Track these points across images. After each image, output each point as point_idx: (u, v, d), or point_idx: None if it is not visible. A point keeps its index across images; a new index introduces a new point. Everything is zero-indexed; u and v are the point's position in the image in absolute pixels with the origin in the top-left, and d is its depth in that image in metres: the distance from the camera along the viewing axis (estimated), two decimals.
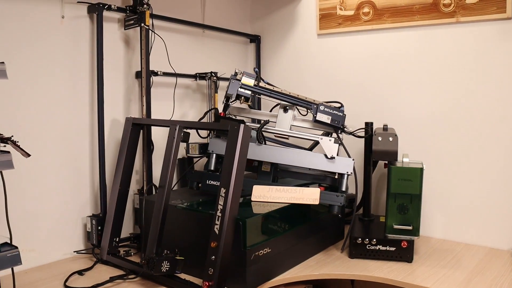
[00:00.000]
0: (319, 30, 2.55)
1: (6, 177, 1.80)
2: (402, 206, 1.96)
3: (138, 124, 2.02)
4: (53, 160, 1.94)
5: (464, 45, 2.14)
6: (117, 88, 2.16)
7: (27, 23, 1.82)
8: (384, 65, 2.38)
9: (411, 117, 2.32)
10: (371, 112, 2.44)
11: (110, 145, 2.13)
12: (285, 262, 1.86)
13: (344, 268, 1.89)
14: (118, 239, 1.98)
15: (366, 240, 1.97)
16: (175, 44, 2.42)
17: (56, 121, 1.94)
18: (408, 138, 2.33)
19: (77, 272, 1.82)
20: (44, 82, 1.89)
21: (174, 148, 1.78)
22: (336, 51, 2.54)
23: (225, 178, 1.63)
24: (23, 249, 1.87)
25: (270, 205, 1.89)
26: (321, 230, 2.09)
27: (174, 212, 1.86)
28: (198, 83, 2.56)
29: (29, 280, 1.75)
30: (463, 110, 2.17)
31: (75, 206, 2.03)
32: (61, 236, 1.99)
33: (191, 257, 1.78)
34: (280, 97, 2.05)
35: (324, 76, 2.61)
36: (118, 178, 1.98)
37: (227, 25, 2.73)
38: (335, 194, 1.87)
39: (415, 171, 1.92)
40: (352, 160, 1.94)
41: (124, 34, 2.17)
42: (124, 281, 1.76)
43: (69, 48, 1.96)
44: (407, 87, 2.32)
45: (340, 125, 2.01)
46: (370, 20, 2.36)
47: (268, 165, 2.06)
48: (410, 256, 1.93)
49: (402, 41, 2.31)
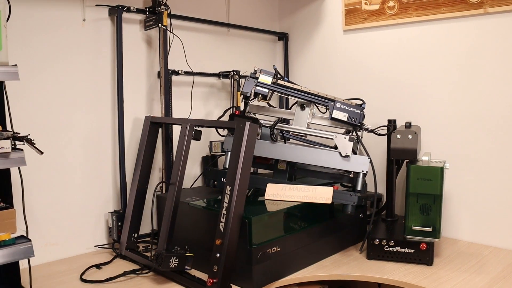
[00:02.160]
0: (345, 26, 2.50)
1: (34, 173, 1.90)
2: (425, 206, 1.88)
3: (156, 122, 2.07)
4: (77, 158, 2.02)
5: (493, 38, 2.02)
6: (139, 88, 2.21)
7: (49, 26, 1.90)
8: (410, 60, 2.29)
9: (438, 114, 2.22)
10: (398, 109, 2.36)
11: (132, 144, 2.19)
12: (298, 262, 1.84)
13: (359, 269, 1.83)
14: (136, 235, 2.03)
15: (384, 241, 1.91)
16: (199, 43, 2.45)
17: (81, 121, 2.02)
18: (435, 136, 2.23)
19: (95, 266, 1.89)
20: (68, 83, 1.97)
21: (185, 146, 1.80)
22: (362, 47, 2.47)
23: (230, 175, 1.63)
24: (46, 242, 1.96)
25: (284, 204, 1.87)
26: (339, 230, 2.05)
27: (187, 209, 1.88)
28: (223, 82, 2.57)
29: (49, 272, 1.84)
30: (493, 107, 2.05)
31: (98, 202, 2.11)
32: (84, 231, 2.07)
33: (203, 254, 1.79)
34: (297, 95, 2.02)
35: (350, 72, 2.55)
36: (137, 175, 2.03)
37: (254, 23, 2.73)
38: (348, 193, 1.82)
39: (435, 170, 1.84)
40: (368, 158, 1.88)
41: (145, 35, 2.22)
42: (137, 276, 1.80)
43: (91, 49, 2.04)
44: (434, 83, 2.22)
45: (357, 123, 1.95)
46: (395, 14, 2.28)
47: (284, 163, 2.04)
48: (430, 258, 1.85)
49: (428, 35, 2.21)
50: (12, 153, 1.48)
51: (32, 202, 1.91)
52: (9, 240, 1.50)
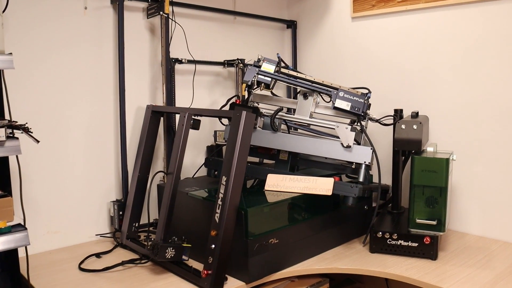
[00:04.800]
0: (353, 13, 2.43)
1: (36, 162, 1.90)
2: (430, 199, 1.82)
3: (158, 111, 2.05)
4: (80, 147, 2.02)
5: (504, 24, 1.93)
6: (142, 76, 2.19)
7: (50, 14, 1.89)
8: (418, 48, 2.22)
9: (447, 104, 2.14)
10: (406, 98, 2.28)
11: (135, 132, 2.18)
12: (298, 254, 1.80)
13: (360, 262, 1.79)
14: (137, 224, 2.02)
15: (387, 234, 1.86)
16: (204, 32, 2.42)
17: (83, 110, 2.02)
18: (443, 126, 2.16)
19: (95, 255, 1.89)
20: (70, 72, 1.96)
21: (183, 135, 1.78)
22: (370, 34, 2.40)
23: (226, 165, 1.61)
24: (48, 231, 1.97)
25: (284, 195, 1.83)
26: (343, 222, 2.00)
27: (186, 199, 1.86)
28: (229, 71, 2.54)
29: (49, 260, 1.85)
30: (504, 95, 1.96)
31: (101, 191, 2.10)
32: (87, 219, 2.07)
33: (202, 245, 1.77)
34: (299, 83, 1.98)
35: (358, 60, 2.48)
36: (138, 164, 2.02)
37: (261, 11, 2.68)
38: (349, 185, 1.77)
39: (440, 161, 1.78)
40: (371, 149, 1.83)
41: (149, 23, 2.20)
42: (135, 266, 1.80)
43: (93, 38, 2.02)
44: (443, 71, 2.14)
45: (360, 112, 1.90)
46: (403, 1, 2.20)
47: (286, 154, 2.00)
48: (434, 253, 1.79)
49: (437, 21, 2.13)
50: (7, 141, 1.48)
51: (35, 190, 1.92)
52: (4, 228, 1.50)
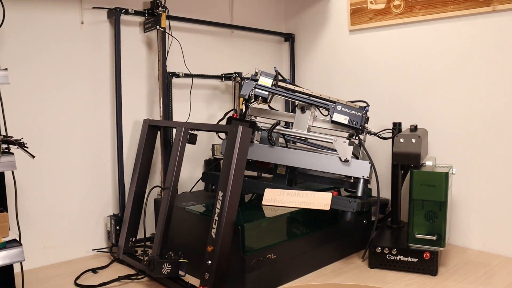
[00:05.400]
0: (351, 26, 2.43)
1: (33, 176, 1.89)
2: (429, 213, 1.80)
3: (154, 126, 2.04)
4: (76, 161, 2.01)
5: (502, 36, 1.93)
6: (139, 90, 2.19)
7: (46, 29, 1.90)
8: (417, 61, 2.21)
9: (447, 117, 2.13)
10: (405, 111, 2.27)
11: (133, 147, 2.17)
12: (296, 270, 1.78)
13: (358, 278, 1.77)
14: (134, 239, 2.01)
15: (386, 250, 1.84)
16: (202, 45, 2.42)
17: (79, 124, 2.01)
18: (443, 139, 2.14)
19: (91, 270, 1.87)
20: (66, 86, 1.96)
21: (180, 150, 1.76)
22: (368, 47, 2.40)
23: (223, 181, 1.59)
24: (45, 245, 1.95)
25: (281, 210, 1.82)
26: (341, 237, 1.98)
27: (182, 214, 1.85)
28: (227, 84, 2.54)
29: (45, 275, 1.83)
30: (504, 109, 1.95)
31: (98, 205, 2.09)
32: (84, 234, 2.06)
33: (199, 260, 1.75)
34: (296, 97, 1.97)
35: (356, 73, 2.47)
36: (135, 179, 2.01)
37: (259, 24, 2.68)
38: (347, 200, 1.76)
39: (439, 176, 1.76)
40: (369, 163, 1.82)
41: (146, 37, 2.20)
42: (131, 281, 1.78)
43: (89, 52, 2.02)
44: (442, 84, 2.13)
45: (358, 126, 1.89)
46: (401, 13, 2.20)
47: (283, 168, 1.99)
48: (434, 268, 1.77)
49: (435, 34, 2.13)
50: (2, 157, 1.47)
51: (31, 205, 1.90)
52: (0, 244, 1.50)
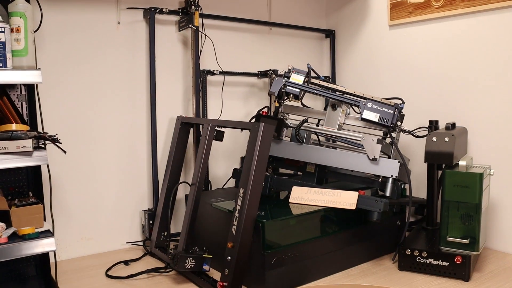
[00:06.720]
0: (390, 20, 2.35)
1: (72, 171, 1.99)
2: (463, 216, 1.72)
3: (187, 123, 2.08)
4: (113, 157, 2.09)
5: None
6: (175, 88, 2.24)
7: (84, 30, 1.98)
8: (457, 56, 2.11)
9: (489, 115, 2.01)
10: (445, 109, 2.17)
11: (168, 143, 2.22)
12: (320, 269, 1.76)
13: (385, 280, 1.72)
14: (166, 233, 2.05)
15: (416, 252, 1.77)
16: (239, 43, 2.44)
17: (117, 121, 2.09)
18: (484, 138, 2.03)
19: (123, 262, 1.94)
20: (104, 84, 2.04)
21: (206, 147, 1.79)
22: (408, 42, 2.31)
23: (244, 178, 1.60)
24: (82, 237, 2.05)
25: (307, 208, 1.80)
26: (372, 237, 1.93)
27: (210, 210, 1.87)
28: (264, 81, 2.54)
29: (80, 266, 1.92)
30: None
31: (133, 200, 2.16)
32: (119, 227, 2.13)
33: (224, 255, 1.77)
34: (327, 94, 1.94)
35: (396, 69, 2.39)
36: (167, 175, 2.05)
37: (299, 21, 2.66)
38: (374, 199, 1.71)
39: (473, 176, 1.67)
40: (398, 162, 1.75)
41: (181, 35, 2.24)
42: (159, 274, 1.82)
43: (126, 51, 2.09)
44: (483, 80, 2.02)
45: (389, 124, 1.83)
46: (441, 7, 2.10)
47: (313, 166, 1.96)
48: (466, 273, 1.68)
49: (477, 27, 2.02)
50: (34, 151, 1.56)
51: (71, 198, 2.00)
52: (32, 234, 1.58)
